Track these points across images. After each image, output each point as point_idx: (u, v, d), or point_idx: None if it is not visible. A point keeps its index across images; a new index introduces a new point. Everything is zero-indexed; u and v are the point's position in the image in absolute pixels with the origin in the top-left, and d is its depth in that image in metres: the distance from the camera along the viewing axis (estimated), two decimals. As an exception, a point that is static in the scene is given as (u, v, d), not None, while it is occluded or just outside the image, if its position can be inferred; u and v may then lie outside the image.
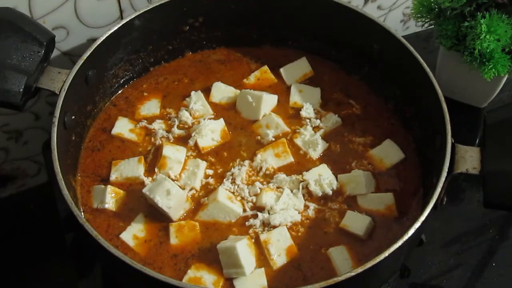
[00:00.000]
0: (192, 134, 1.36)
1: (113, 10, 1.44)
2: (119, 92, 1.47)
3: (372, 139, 1.39)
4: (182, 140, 1.38)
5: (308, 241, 1.23)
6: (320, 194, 1.29)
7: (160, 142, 1.36)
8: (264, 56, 1.55)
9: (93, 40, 1.35)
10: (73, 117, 1.30)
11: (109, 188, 1.27)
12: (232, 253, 1.15)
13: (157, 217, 1.24)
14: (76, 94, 1.28)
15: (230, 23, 1.51)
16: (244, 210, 1.26)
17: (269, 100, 1.42)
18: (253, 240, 1.22)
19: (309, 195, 1.29)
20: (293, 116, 1.43)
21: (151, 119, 1.41)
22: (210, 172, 1.32)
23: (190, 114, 1.41)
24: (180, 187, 1.26)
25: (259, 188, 1.29)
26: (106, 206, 1.25)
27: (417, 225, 1.08)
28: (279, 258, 1.20)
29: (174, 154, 1.32)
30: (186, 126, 1.39)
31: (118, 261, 1.03)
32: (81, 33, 1.44)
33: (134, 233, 1.23)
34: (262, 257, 1.20)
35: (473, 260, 1.39)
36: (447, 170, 1.14)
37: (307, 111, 1.42)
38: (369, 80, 1.49)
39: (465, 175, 1.16)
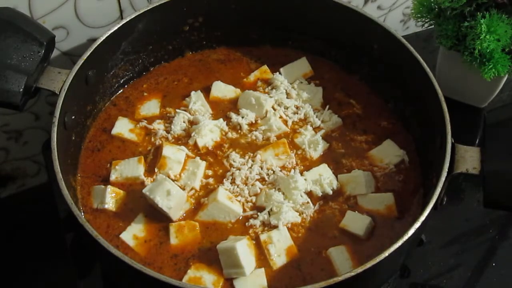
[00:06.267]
0: (192, 134, 1.36)
1: (113, 10, 1.44)
2: (119, 92, 1.47)
3: (372, 138, 1.40)
4: (182, 140, 1.38)
5: (308, 241, 1.23)
6: (320, 194, 1.29)
7: (160, 142, 1.36)
8: (264, 56, 1.55)
9: (93, 40, 1.35)
10: (73, 117, 1.30)
11: (109, 188, 1.27)
12: (232, 253, 1.15)
13: (157, 217, 1.24)
14: (76, 94, 1.28)
15: (230, 23, 1.51)
16: (244, 210, 1.26)
17: (270, 101, 1.42)
18: (253, 241, 1.22)
19: (309, 195, 1.29)
20: (294, 116, 1.43)
21: (151, 119, 1.41)
22: (210, 172, 1.32)
23: (190, 114, 1.41)
24: (180, 187, 1.26)
25: (259, 188, 1.29)
26: (106, 206, 1.25)
27: (417, 225, 1.08)
28: (279, 258, 1.20)
29: (174, 154, 1.32)
30: (186, 126, 1.39)
31: (118, 261, 1.03)
32: (81, 33, 1.44)
33: (134, 233, 1.23)
34: (262, 257, 1.20)
35: (473, 260, 1.39)
36: (447, 170, 1.14)
37: (307, 110, 1.42)
38: (369, 80, 1.49)
39: (465, 175, 1.16)
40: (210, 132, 1.37)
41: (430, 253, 1.38)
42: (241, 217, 1.26)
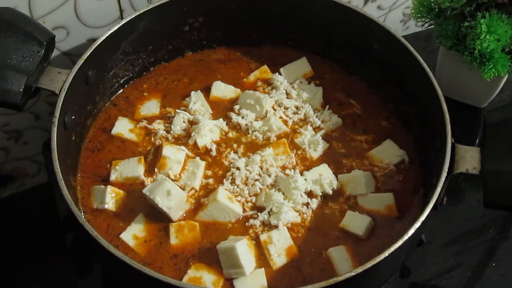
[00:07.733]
0: (192, 134, 1.36)
1: (113, 10, 1.44)
2: (119, 92, 1.47)
3: (372, 138, 1.40)
4: (182, 140, 1.38)
5: (308, 241, 1.23)
6: (320, 194, 1.29)
7: (160, 142, 1.36)
8: (264, 56, 1.55)
9: (93, 40, 1.35)
10: (73, 117, 1.30)
11: (109, 188, 1.27)
12: (232, 253, 1.15)
13: (157, 217, 1.24)
14: (76, 94, 1.28)
15: (230, 23, 1.51)
16: (244, 210, 1.26)
17: (270, 101, 1.42)
18: (253, 241, 1.22)
19: (309, 195, 1.29)
20: (294, 116, 1.43)
21: (151, 119, 1.41)
22: (210, 172, 1.32)
23: (190, 114, 1.40)
24: (180, 187, 1.26)
25: (259, 188, 1.29)
26: (106, 206, 1.25)
27: (417, 225, 1.08)
28: (279, 259, 1.20)
29: (173, 154, 1.32)
30: (186, 126, 1.39)
31: (118, 261, 1.03)
32: (81, 33, 1.44)
33: (134, 233, 1.23)
34: (262, 257, 1.20)
35: (473, 260, 1.39)
36: (447, 170, 1.14)
37: (307, 111, 1.42)
38: (369, 80, 1.49)
39: (465, 175, 1.16)
40: (210, 132, 1.37)
41: (430, 253, 1.38)
42: (241, 217, 1.26)
